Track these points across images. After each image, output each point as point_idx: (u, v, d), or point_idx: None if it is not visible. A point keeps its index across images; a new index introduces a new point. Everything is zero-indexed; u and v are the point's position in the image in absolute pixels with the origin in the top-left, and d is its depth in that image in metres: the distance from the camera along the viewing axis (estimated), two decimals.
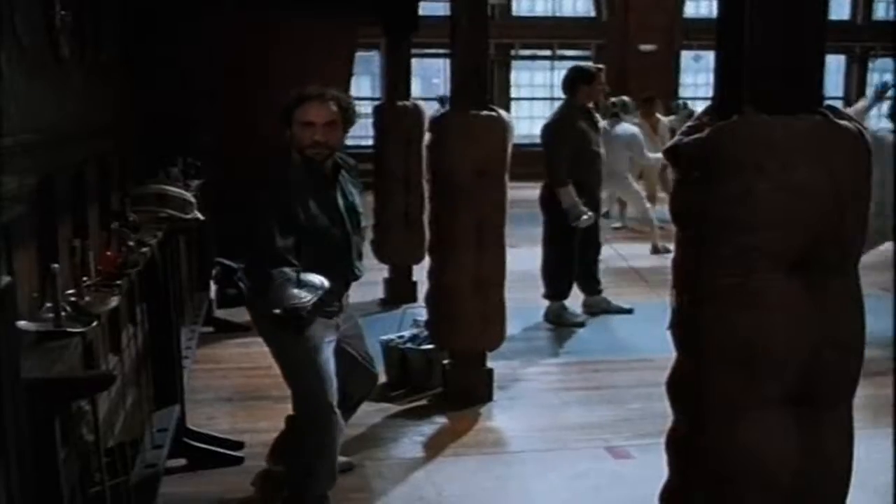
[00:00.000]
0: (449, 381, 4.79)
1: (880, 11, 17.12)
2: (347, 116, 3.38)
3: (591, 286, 6.48)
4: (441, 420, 4.55)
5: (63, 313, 2.34)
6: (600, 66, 6.87)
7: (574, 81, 6.17)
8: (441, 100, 11.31)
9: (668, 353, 2.33)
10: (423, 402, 4.76)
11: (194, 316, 5.54)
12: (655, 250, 8.54)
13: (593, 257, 6.45)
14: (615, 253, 7.12)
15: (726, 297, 2.12)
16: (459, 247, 4.60)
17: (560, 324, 6.21)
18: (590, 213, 5.98)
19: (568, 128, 6.05)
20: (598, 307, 6.48)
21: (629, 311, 6.46)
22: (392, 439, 4.33)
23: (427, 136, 5.94)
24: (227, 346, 5.70)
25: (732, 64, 2.19)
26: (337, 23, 7.61)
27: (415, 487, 3.83)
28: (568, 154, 5.97)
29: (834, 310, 2.12)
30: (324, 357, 3.33)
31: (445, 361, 4.83)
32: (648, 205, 8.83)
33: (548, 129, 6.17)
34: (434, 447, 4.26)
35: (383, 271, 6.98)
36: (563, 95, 6.29)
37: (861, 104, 7.65)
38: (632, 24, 16.21)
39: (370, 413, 4.04)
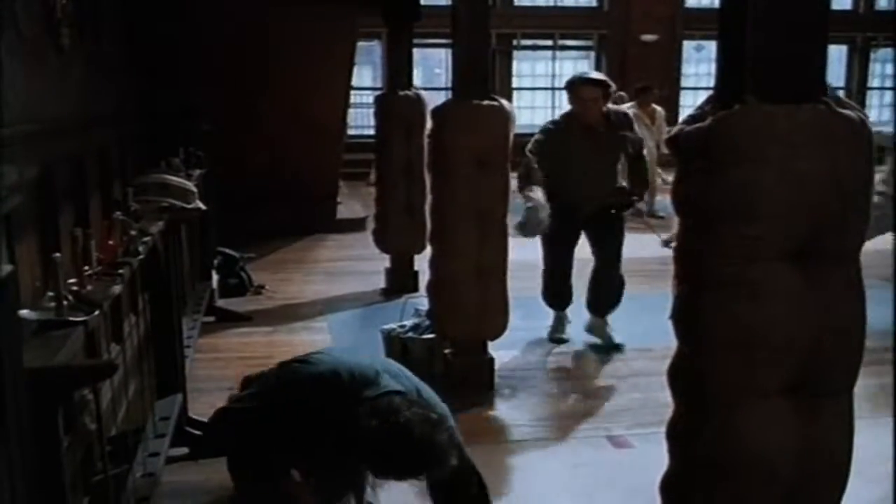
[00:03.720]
0: (450, 370, 4.78)
1: (882, 1, 17.07)
2: None
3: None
4: None
5: (65, 302, 2.33)
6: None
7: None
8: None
9: (669, 343, 2.33)
10: None
11: (196, 305, 5.54)
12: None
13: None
14: None
15: (728, 286, 2.12)
16: (461, 236, 4.59)
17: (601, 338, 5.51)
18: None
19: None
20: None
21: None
22: None
23: (429, 126, 5.93)
24: (228, 336, 5.71)
25: (734, 53, 2.18)
26: (338, 12, 7.62)
27: None
28: None
29: (835, 299, 2.12)
30: None
31: (447, 351, 4.83)
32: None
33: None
34: None
35: (385, 261, 6.98)
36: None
37: None
38: (633, 14, 16.18)
39: None
